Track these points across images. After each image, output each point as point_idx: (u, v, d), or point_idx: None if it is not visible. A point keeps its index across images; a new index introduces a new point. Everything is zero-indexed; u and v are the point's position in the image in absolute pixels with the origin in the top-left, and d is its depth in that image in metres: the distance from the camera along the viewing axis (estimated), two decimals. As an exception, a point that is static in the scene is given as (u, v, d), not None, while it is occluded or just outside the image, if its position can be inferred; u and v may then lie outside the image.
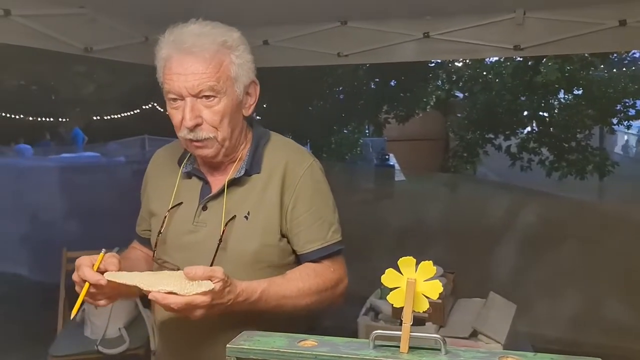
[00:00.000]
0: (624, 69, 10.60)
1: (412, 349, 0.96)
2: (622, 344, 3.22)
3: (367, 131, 12.61)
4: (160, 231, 1.44)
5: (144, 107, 11.07)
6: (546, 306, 3.74)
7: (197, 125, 1.33)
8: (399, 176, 10.12)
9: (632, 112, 9.23)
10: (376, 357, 0.94)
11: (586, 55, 7.93)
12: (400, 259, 0.95)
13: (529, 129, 9.66)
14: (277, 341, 1.02)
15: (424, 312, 0.96)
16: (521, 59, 8.37)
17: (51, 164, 8.18)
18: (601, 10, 2.81)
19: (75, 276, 1.26)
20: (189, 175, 1.48)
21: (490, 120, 9.51)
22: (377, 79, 9.55)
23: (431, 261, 0.95)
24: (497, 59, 9.15)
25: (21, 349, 3.60)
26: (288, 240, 1.42)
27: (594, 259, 3.82)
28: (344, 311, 1.74)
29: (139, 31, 3.13)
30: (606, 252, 3.81)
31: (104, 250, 1.30)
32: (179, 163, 1.49)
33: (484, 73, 9.69)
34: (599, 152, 8.91)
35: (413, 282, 0.94)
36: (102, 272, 1.24)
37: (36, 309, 3.78)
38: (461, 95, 11.30)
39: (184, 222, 1.43)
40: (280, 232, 1.41)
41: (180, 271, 1.23)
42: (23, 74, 10.20)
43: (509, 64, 9.11)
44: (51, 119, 11.99)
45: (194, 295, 1.15)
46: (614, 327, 3.50)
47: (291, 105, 8.80)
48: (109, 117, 11.99)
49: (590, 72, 8.90)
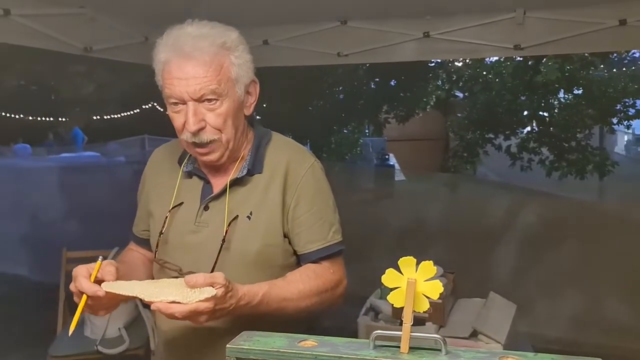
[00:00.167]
0: (624, 68, 10.61)
1: (412, 349, 0.95)
2: (622, 344, 3.22)
3: (367, 131, 12.61)
4: (161, 231, 1.42)
5: (143, 107, 11.08)
6: (546, 306, 3.73)
7: (201, 129, 1.33)
8: (399, 176, 10.13)
9: (632, 111, 9.25)
10: (376, 357, 0.94)
11: (586, 54, 7.94)
12: (401, 259, 0.95)
13: (529, 128, 9.68)
14: (277, 341, 1.02)
15: (424, 312, 0.96)
16: (521, 58, 8.39)
17: (51, 163, 8.19)
18: (601, 9, 2.81)
19: (72, 287, 1.23)
20: (189, 175, 1.46)
21: (490, 120, 9.53)
22: (377, 79, 9.55)
23: (431, 261, 0.95)
24: (497, 58, 9.16)
25: (21, 349, 3.61)
26: (289, 240, 1.42)
27: (594, 259, 3.82)
28: (344, 311, 1.74)
29: (139, 31, 3.13)
30: (606, 252, 3.81)
31: (100, 258, 1.27)
32: (179, 162, 1.48)
33: (484, 73, 9.70)
34: (599, 151, 8.93)
35: (413, 282, 0.94)
36: (99, 281, 1.22)
37: (36, 309, 3.78)
38: (461, 95, 11.31)
39: (185, 222, 1.42)
40: (283, 232, 1.40)
41: (181, 279, 1.22)
42: (23, 73, 10.21)
43: (509, 63, 9.12)
44: (51, 118, 12.00)
45: (197, 302, 1.14)
46: (614, 327, 3.50)
47: (291, 105, 8.80)
48: (108, 117, 12.01)
49: (590, 72, 8.92)
